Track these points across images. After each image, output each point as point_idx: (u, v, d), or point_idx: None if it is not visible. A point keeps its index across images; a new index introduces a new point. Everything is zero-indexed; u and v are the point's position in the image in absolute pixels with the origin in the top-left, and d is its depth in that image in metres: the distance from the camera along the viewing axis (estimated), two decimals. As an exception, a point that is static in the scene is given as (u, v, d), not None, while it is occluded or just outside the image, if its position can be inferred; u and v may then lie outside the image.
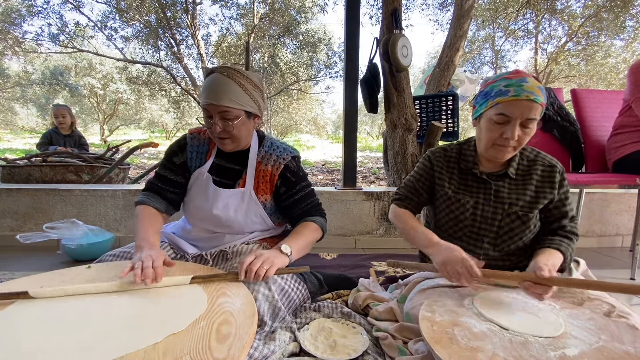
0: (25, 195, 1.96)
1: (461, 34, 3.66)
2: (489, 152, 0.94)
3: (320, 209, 1.15)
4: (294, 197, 1.10)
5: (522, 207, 0.96)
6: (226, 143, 1.01)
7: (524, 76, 0.87)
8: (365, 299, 1.13)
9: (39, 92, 14.35)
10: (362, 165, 7.38)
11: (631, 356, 0.61)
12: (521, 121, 0.86)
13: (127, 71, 11.38)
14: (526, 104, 0.84)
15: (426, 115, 2.57)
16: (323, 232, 1.10)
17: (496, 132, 0.89)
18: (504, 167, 0.99)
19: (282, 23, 9.98)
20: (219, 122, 0.95)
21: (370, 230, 2.09)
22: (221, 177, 1.08)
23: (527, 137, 0.89)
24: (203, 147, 1.11)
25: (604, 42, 9.56)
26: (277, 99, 11.96)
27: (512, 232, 0.96)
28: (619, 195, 2.23)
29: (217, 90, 0.93)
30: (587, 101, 2.03)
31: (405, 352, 0.83)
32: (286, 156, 1.08)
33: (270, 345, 0.83)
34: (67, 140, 3.06)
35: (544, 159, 1.00)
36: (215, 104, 0.93)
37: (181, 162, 1.10)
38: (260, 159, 1.08)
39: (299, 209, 1.11)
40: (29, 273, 1.02)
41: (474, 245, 1.00)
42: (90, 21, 9.06)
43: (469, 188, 1.01)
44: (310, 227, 1.06)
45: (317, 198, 1.15)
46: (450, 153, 1.06)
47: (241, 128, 0.99)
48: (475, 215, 0.99)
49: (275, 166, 1.07)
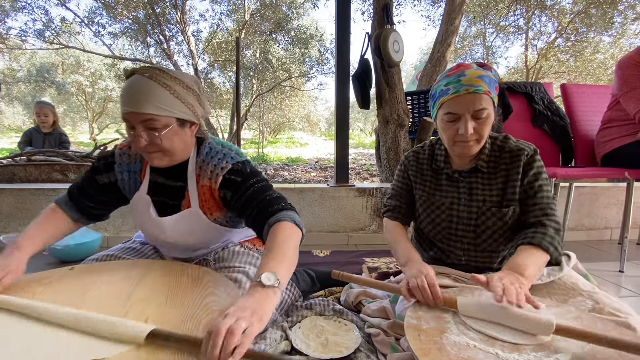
0: (9, 195, 1.91)
1: (452, 30, 3.67)
2: (454, 150, 0.91)
3: (284, 201, 0.87)
4: (245, 195, 0.86)
5: (495, 202, 0.92)
6: (156, 157, 0.83)
7: (463, 69, 0.84)
8: (357, 296, 1.12)
9: (25, 90, 14.01)
10: (355, 162, 7.38)
11: (623, 357, 0.59)
12: (471, 114, 0.83)
13: (115, 68, 11.16)
14: (468, 97, 0.82)
15: (418, 111, 2.57)
16: (301, 229, 0.81)
17: (452, 130, 0.87)
18: (473, 162, 0.94)
19: (273, 19, 9.88)
20: (143, 133, 0.78)
21: (363, 227, 2.08)
22: (163, 196, 0.92)
23: (485, 126, 0.85)
24: (135, 164, 0.94)
25: (592, 38, 9.69)
26: (269, 95, 11.86)
27: (489, 230, 0.92)
28: (607, 188, 2.26)
29: (138, 96, 0.75)
30: (576, 96, 2.04)
31: (398, 348, 0.83)
32: (225, 165, 0.87)
33: (260, 344, 0.82)
34: (47, 139, 2.96)
35: (511, 145, 0.92)
36: (136, 112, 0.76)
37: (106, 182, 0.95)
38: (199, 170, 0.89)
39: (254, 204, 0.84)
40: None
41: (454, 247, 0.98)
42: (76, 17, 8.86)
43: (443, 188, 0.99)
44: (285, 229, 0.77)
45: (276, 192, 0.89)
46: (423, 155, 1.04)
47: (173, 139, 0.81)
48: (451, 216, 0.96)
49: (212, 179, 0.88)
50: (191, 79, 0.86)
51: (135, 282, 0.81)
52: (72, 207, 0.95)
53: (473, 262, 0.98)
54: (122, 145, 0.96)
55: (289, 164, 7.26)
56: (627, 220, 1.60)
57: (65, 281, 0.81)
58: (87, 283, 0.80)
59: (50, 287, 0.78)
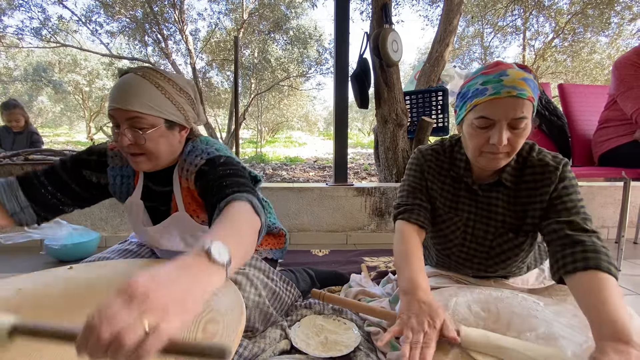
0: (6, 195, 1.90)
1: (451, 30, 3.68)
2: (479, 161, 0.78)
3: (248, 186, 0.74)
4: (209, 183, 0.76)
5: (515, 225, 0.82)
6: (139, 161, 0.78)
7: (504, 68, 0.72)
8: (356, 295, 1.12)
9: (22, 88, 13.93)
10: (354, 162, 7.39)
11: None
12: (508, 122, 0.71)
13: (113, 67, 11.11)
14: (509, 101, 0.70)
15: (417, 110, 2.58)
16: (258, 215, 0.66)
17: (481, 139, 0.74)
18: (497, 175, 0.83)
19: (272, 18, 9.87)
20: (128, 132, 0.74)
21: (362, 226, 2.09)
22: (153, 202, 0.90)
23: (520, 138, 0.74)
24: (127, 168, 0.90)
25: (589, 39, 9.74)
26: (267, 95, 11.85)
27: (504, 254, 0.85)
28: (604, 188, 2.27)
29: (126, 92, 0.72)
30: (573, 96, 2.05)
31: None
32: (199, 161, 0.81)
33: (260, 343, 0.82)
34: (17, 139, 2.84)
35: (538, 157, 0.80)
36: (123, 109, 0.72)
37: (94, 181, 0.90)
38: (180, 172, 0.85)
39: (214, 191, 0.72)
40: (9, 275, 0.98)
41: (463, 265, 0.93)
42: (74, 15, 8.82)
43: (461, 201, 0.88)
44: (239, 207, 0.63)
45: (245, 180, 0.77)
46: (443, 157, 0.90)
47: (158, 141, 0.77)
48: (465, 234, 0.88)
49: (189, 178, 0.83)
50: (186, 82, 0.83)
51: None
52: (16, 197, 0.80)
53: (482, 275, 0.95)
54: (113, 147, 0.90)
55: (288, 163, 7.26)
56: (624, 219, 1.61)
57: (65, 278, 0.81)
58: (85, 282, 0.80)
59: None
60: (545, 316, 0.72)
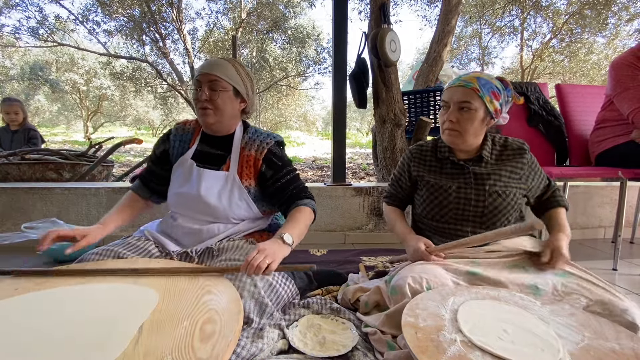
0: (3, 195, 1.89)
1: (449, 30, 3.69)
2: (444, 137, 1.05)
3: (307, 191, 1.14)
4: (281, 181, 1.10)
5: (501, 186, 1.02)
6: (208, 114, 1.03)
7: (475, 74, 1.00)
8: (355, 292, 1.12)
9: (18, 88, 13.85)
10: (352, 162, 7.39)
11: (617, 354, 0.60)
12: (458, 105, 0.98)
13: (110, 66, 11.07)
14: (459, 89, 0.98)
15: (415, 110, 2.58)
16: (315, 214, 1.11)
17: (443, 117, 1.03)
18: (477, 153, 1.06)
19: (270, 18, 9.86)
20: (207, 90, 1.01)
21: (360, 226, 2.09)
22: (205, 162, 1.10)
23: (468, 122, 0.98)
24: (187, 135, 1.15)
25: (586, 39, 9.79)
26: (266, 94, 11.85)
27: (496, 209, 1.02)
28: (601, 188, 2.28)
29: (212, 64, 1.03)
30: (571, 96, 2.06)
31: (394, 346, 0.83)
32: (270, 141, 1.11)
33: (258, 343, 0.82)
34: (15, 137, 2.83)
35: (512, 143, 1.08)
36: (207, 73, 1.01)
37: (162, 150, 1.16)
38: (244, 144, 1.11)
39: (287, 192, 1.11)
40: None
41: (461, 226, 1.05)
42: (71, 14, 8.79)
43: (449, 174, 1.08)
44: (304, 212, 1.06)
45: (303, 182, 1.16)
46: (426, 147, 1.14)
47: (226, 101, 1.04)
48: (459, 198, 1.04)
49: (259, 151, 1.09)
50: (251, 73, 1.13)
51: (132, 280, 0.81)
52: (142, 188, 1.18)
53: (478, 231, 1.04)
54: (179, 122, 1.19)
55: (286, 163, 7.23)
56: (620, 219, 1.62)
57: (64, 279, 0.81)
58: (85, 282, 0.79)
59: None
60: (541, 314, 0.73)
